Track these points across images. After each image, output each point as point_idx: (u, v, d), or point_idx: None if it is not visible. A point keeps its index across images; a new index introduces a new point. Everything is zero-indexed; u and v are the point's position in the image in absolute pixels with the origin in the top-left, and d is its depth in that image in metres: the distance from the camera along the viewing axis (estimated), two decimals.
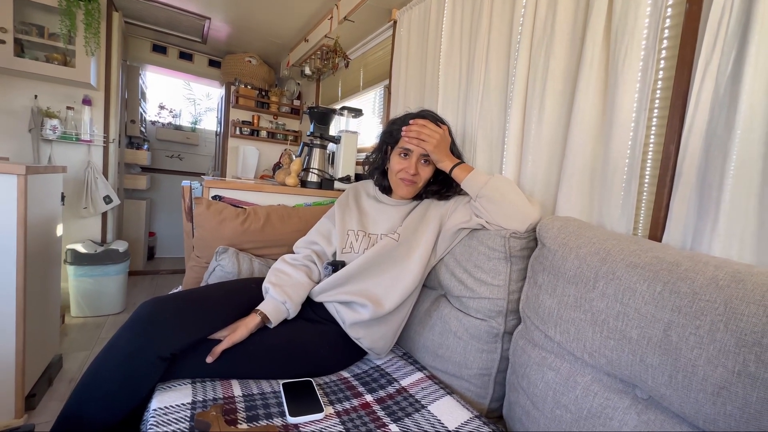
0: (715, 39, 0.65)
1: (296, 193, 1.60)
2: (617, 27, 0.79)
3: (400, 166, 1.02)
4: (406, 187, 1.03)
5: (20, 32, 1.97)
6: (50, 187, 1.45)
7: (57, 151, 2.20)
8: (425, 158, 1.02)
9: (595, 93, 0.84)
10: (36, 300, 1.30)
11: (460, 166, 0.97)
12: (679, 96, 0.74)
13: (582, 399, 0.65)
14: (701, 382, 0.51)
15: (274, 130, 3.17)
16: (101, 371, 0.72)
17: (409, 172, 1.00)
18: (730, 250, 0.62)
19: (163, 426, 0.64)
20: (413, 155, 1.01)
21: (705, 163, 0.65)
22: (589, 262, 0.69)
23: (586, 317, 0.67)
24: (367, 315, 0.92)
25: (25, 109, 2.09)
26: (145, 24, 2.79)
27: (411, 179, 1.01)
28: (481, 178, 0.92)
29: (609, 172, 0.81)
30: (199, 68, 3.36)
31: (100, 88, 2.29)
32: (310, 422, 0.71)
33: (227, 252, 1.16)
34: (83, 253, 2.08)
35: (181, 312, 0.79)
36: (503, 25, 1.10)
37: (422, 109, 1.07)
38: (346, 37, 2.18)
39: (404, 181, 1.02)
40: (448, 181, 1.03)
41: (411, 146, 1.00)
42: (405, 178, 1.01)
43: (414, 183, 1.02)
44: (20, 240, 1.16)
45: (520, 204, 0.88)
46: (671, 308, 0.56)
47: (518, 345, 0.82)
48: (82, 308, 2.12)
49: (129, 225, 2.95)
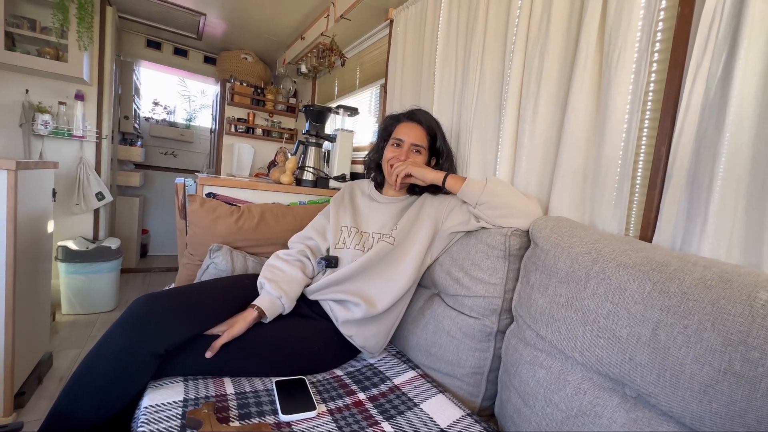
0: (706, 42, 0.66)
1: (291, 192, 1.59)
2: (611, 29, 0.80)
3: (392, 154, 1.06)
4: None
5: (11, 25, 1.94)
6: (41, 183, 1.43)
7: (48, 147, 2.17)
8: (416, 148, 1.05)
9: (589, 94, 0.85)
10: (25, 297, 1.29)
11: (451, 177, 0.97)
12: (670, 98, 0.75)
13: (572, 397, 0.66)
14: (688, 380, 0.52)
15: (270, 128, 3.15)
16: (93, 367, 0.71)
17: (401, 158, 1.03)
18: (719, 251, 0.63)
19: (155, 424, 0.64)
20: (405, 144, 1.04)
21: (695, 165, 0.66)
22: (581, 262, 0.70)
23: (577, 316, 0.68)
24: (360, 314, 0.92)
25: (16, 104, 2.06)
26: (139, 19, 2.76)
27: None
28: (477, 185, 0.92)
29: (602, 172, 0.82)
30: (194, 64, 3.33)
31: (93, 84, 2.26)
32: (302, 420, 0.71)
33: (221, 250, 1.16)
34: (75, 250, 2.05)
35: (174, 308, 0.78)
36: (499, 25, 1.10)
37: (414, 107, 1.11)
38: (342, 36, 2.17)
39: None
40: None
41: (403, 136, 1.04)
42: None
43: None
44: (10, 236, 1.15)
45: (520, 204, 0.89)
46: (660, 308, 0.57)
47: (510, 344, 0.83)
48: (73, 306, 2.10)
49: (122, 222, 2.92)
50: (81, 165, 2.22)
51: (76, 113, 2.19)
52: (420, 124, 1.07)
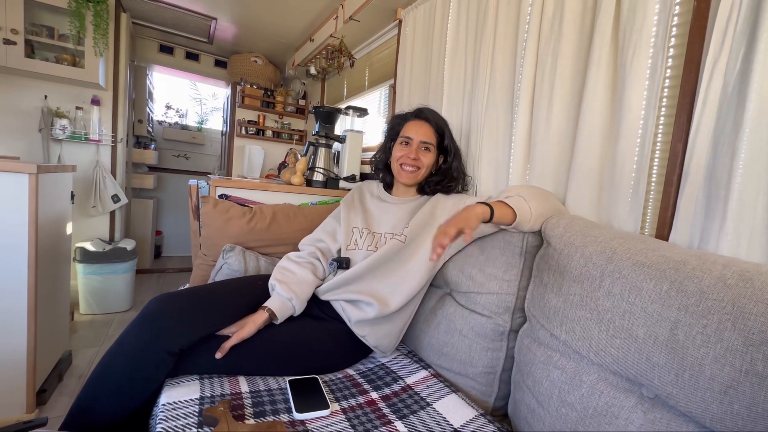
0: (723, 36, 0.65)
1: (302, 192, 1.61)
2: (625, 25, 0.79)
3: (401, 152, 1.05)
4: (407, 173, 1.05)
5: (31, 33, 2.00)
6: (60, 186, 1.47)
7: (66, 151, 2.23)
8: (425, 145, 1.04)
9: (604, 92, 0.84)
10: (46, 297, 1.32)
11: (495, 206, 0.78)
12: (686, 94, 0.73)
13: (588, 397, 0.65)
14: (708, 381, 0.51)
15: (280, 130, 3.18)
16: (111, 366, 0.73)
17: (410, 156, 1.03)
18: (739, 249, 0.62)
19: (172, 421, 0.65)
20: (414, 142, 1.04)
21: (713, 162, 0.65)
22: (595, 261, 0.69)
23: (591, 316, 0.67)
24: (373, 313, 0.92)
25: (35, 110, 2.12)
26: (153, 24, 2.82)
27: (412, 163, 1.03)
28: (525, 213, 0.80)
29: (617, 171, 0.81)
30: (206, 68, 3.39)
31: (108, 89, 2.32)
32: (316, 419, 0.72)
33: (234, 250, 1.18)
34: (92, 252, 2.10)
35: (189, 308, 0.80)
36: (509, 24, 1.10)
37: (422, 106, 1.10)
38: (351, 37, 2.18)
39: (405, 166, 1.04)
40: (449, 173, 1.06)
41: (411, 134, 1.04)
42: (406, 162, 1.04)
43: (416, 168, 1.04)
44: (31, 238, 1.18)
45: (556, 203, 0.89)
46: (678, 307, 0.56)
47: (523, 344, 0.82)
48: (90, 306, 2.15)
49: (136, 224, 2.98)
50: (97, 168, 2.27)
51: (92, 118, 2.24)
52: (428, 122, 1.06)
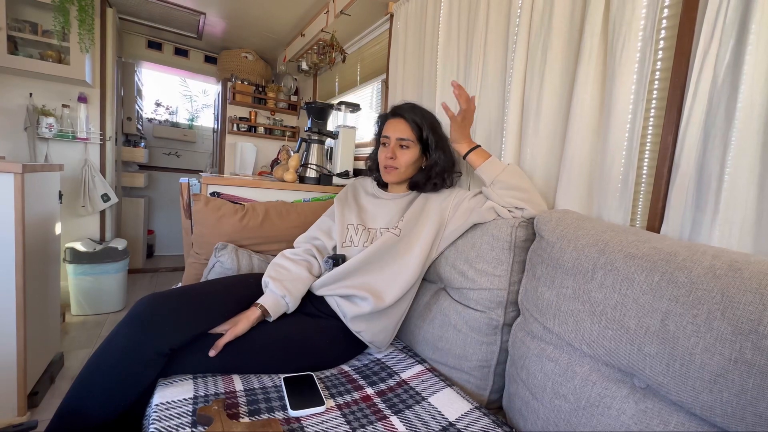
0: (713, 28, 0.65)
1: (295, 189, 1.59)
2: (615, 17, 0.79)
3: (382, 153, 1.06)
4: (387, 174, 1.06)
5: (13, 29, 1.95)
6: (48, 186, 1.44)
7: (53, 150, 2.19)
8: (402, 143, 1.03)
9: (594, 85, 0.84)
10: (36, 299, 1.30)
11: (476, 151, 0.98)
12: (677, 86, 0.73)
13: (580, 389, 0.66)
14: (698, 370, 0.52)
15: (272, 126, 3.15)
16: (99, 367, 0.72)
17: (388, 156, 1.03)
18: (730, 240, 0.62)
19: (166, 421, 0.65)
20: (390, 140, 1.04)
21: (703, 154, 0.65)
22: (588, 254, 0.69)
23: (584, 308, 0.68)
24: (368, 308, 0.92)
25: (20, 108, 2.08)
26: (140, 20, 2.77)
27: (391, 163, 1.03)
28: (498, 165, 0.94)
29: (607, 163, 0.81)
30: (195, 64, 3.34)
31: (95, 86, 2.27)
32: (311, 415, 0.72)
33: (226, 248, 1.16)
34: (82, 252, 2.07)
35: (178, 308, 0.79)
36: (500, 17, 1.09)
37: (402, 102, 1.09)
38: (342, 32, 2.16)
39: (386, 168, 1.05)
40: (433, 170, 1.04)
41: (389, 133, 1.04)
42: (385, 165, 1.05)
43: (394, 168, 1.04)
44: (18, 239, 1.16)
45: (533, 192, 0.92)
46: (669, 298, 0.56)
47: (517, 337, 0.83)
48: (82, 306, 2.12)
49: (127, 223, 2.94)
50: (86, 167, 2.23)
51: (79, 115, 2.20)
52: (403, 118, 1.03)
